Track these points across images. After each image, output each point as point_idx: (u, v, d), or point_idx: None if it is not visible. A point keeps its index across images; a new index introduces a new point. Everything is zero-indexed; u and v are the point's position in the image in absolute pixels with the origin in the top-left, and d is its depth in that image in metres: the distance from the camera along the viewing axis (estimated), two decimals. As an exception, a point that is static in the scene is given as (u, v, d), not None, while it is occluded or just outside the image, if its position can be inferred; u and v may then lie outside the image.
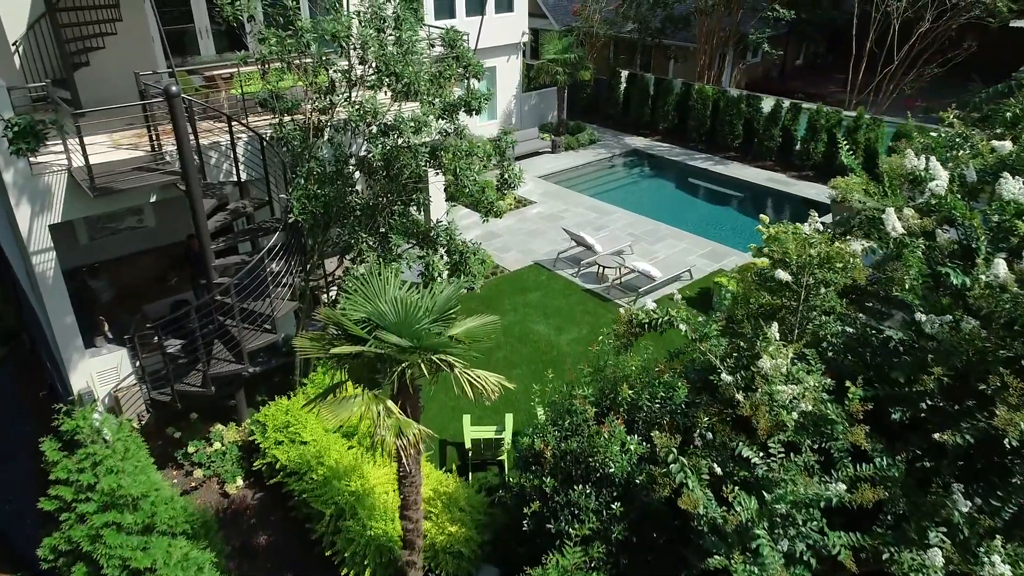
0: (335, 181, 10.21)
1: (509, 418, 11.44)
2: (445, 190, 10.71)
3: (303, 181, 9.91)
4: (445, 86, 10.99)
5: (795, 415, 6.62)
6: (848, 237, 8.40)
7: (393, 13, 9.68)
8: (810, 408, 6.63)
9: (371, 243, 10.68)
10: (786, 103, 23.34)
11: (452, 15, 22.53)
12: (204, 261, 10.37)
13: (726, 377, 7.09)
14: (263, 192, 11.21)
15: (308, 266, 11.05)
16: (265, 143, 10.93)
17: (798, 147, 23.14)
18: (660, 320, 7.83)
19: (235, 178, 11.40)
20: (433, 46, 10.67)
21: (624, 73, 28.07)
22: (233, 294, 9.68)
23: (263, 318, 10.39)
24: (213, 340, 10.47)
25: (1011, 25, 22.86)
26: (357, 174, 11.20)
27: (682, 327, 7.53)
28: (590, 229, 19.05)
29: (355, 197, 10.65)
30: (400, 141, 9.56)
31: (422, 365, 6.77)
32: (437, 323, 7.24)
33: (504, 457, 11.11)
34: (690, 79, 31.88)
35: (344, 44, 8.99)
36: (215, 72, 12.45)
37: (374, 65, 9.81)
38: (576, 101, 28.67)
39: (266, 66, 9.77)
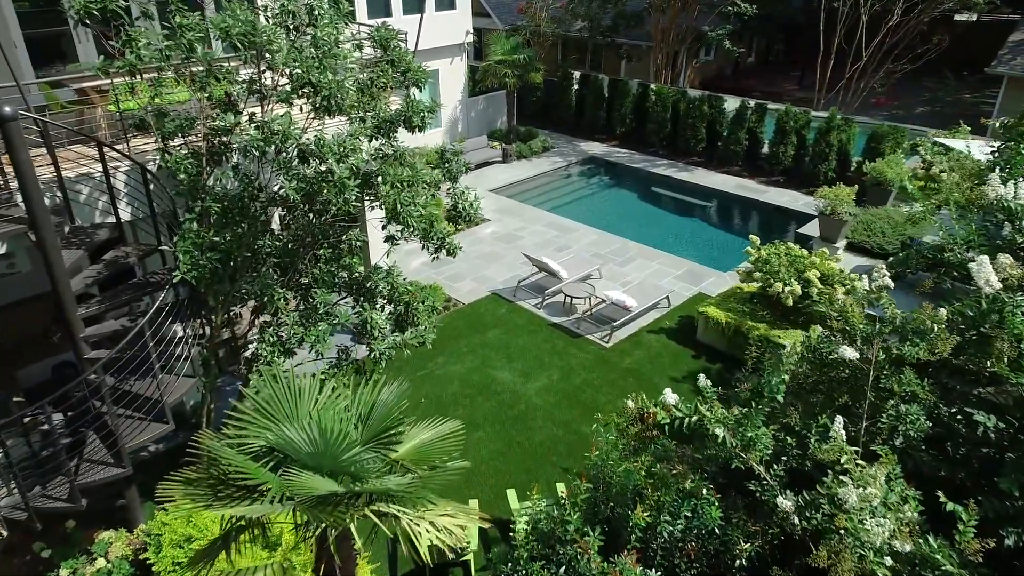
0: (239, 223, 7.89)
1: (474, 507, 9.23)
2: (383, 227, 8.46)
3: (194, 226, 7.56)
4: (378, 97, 8.79)
5: (888, 559, 4.69)
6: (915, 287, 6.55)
7: (306, 5, 7.43)
8: (908, 548, 4.70)
9: (290, 297, 8.40)
10: (751, 103, 21.81)
11: (388, 13, 20.23)
12: (70, 332, 7.92)
13: (784, 503, 5.08)
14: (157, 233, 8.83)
15: (212, 328, 8.68)
16: (150, 174, 8.54)
17: (766, 151, 21.63)
18: (687, 421, 5.77)
19: (114, 219, 8.97)
20: (361, 47, 8.43)
21: (576, 74, 26.19)
22: (100, 379, 7.27)
23: (149, 404, 7.99)
24: (85, 435, 8.03)
25: (978, 20, 21.79)
26: (274, 211, 8.91)
27: (718, 431, 5.47)
28: (552, 251, 17.04)
29: (269, 240, 8.35)
30: (324, 168, 7.31)
31: (351, 524, 4.58)
32: (376, 442, 5.06)
33: (470, 558, 8.95)
34: (643, 79, 30.30)
35: (240, 45, 6.73)
36: (88, 84, 9.93)
37: (288, 73, 7.58)
38: (526, 105, 26.68)
39: (137, 77, 7.40)
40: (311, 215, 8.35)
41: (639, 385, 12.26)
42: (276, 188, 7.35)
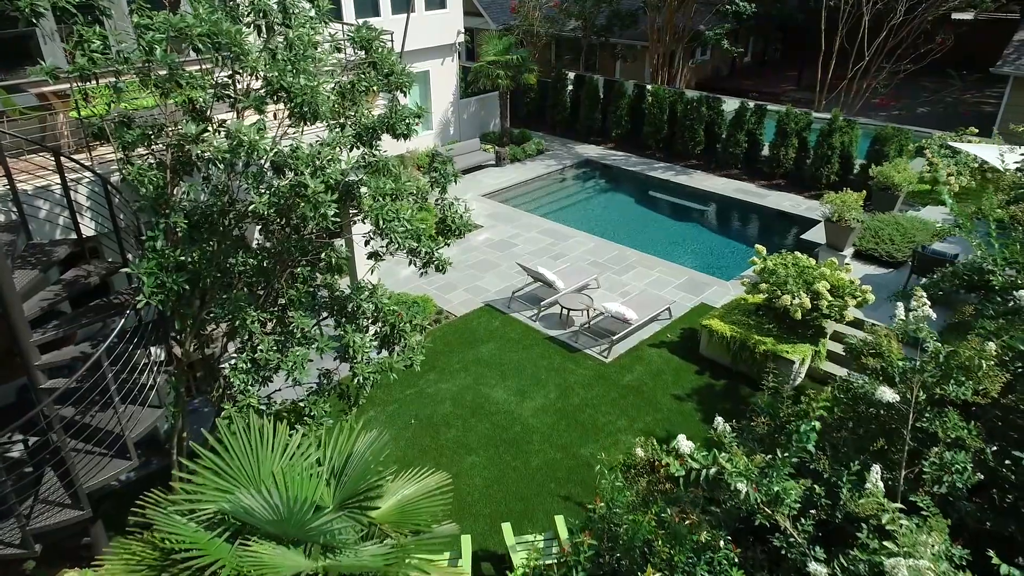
0: (208, 240, 7.22)
1: (467, 545, 8.55)
2: (366, 243, 7.80)
3: (159, 244, 6.89)
4: (360, 102, 8.13)
5: (941, 637, 4.06)
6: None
7: (279, 2, 6.77)
8: (963, 624, 4.09)
9: (266, 319, 7.73)
10: (750, 104, 21.20)
11: (376, 12, 19.56)
12: (24, 360, 7.24)
13: (817, 570, 4.43)
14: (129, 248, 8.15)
15: (180, 352, 8.00)
16: (113, 187, 7.87)
17: (766, 153, 21.03)
18: (705, 473, 5.11)
19: (75, 235, 8.30)
20: (341, 49, 7.76)
21: (571, 75, 25.55)
22: (53, 414, 6.59)
23: (112, 438, 7.31)
24: (41, 472, 7.34)
25: (975, 18, 21.20)
26: (250, 227, 8.25)
27: (740, 487, 4.81)
28: (547, 259, 16.41)
29: (243, 257, 7.68)
30: (298, 180, 6.63)
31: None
32: (351, 502, 4.40)
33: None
34: (639, 79, 29.70)
35: (201, 47, 6.06)
36: (49, 88, 9.23)
37: (263, 77, 6.92)
38: (520, 107, 26.03)
39: (92, 82, 6.72)
40: (288, 230, 7.69)
41: (640, 403, 11.64)
42: (248, 204, 6.67)
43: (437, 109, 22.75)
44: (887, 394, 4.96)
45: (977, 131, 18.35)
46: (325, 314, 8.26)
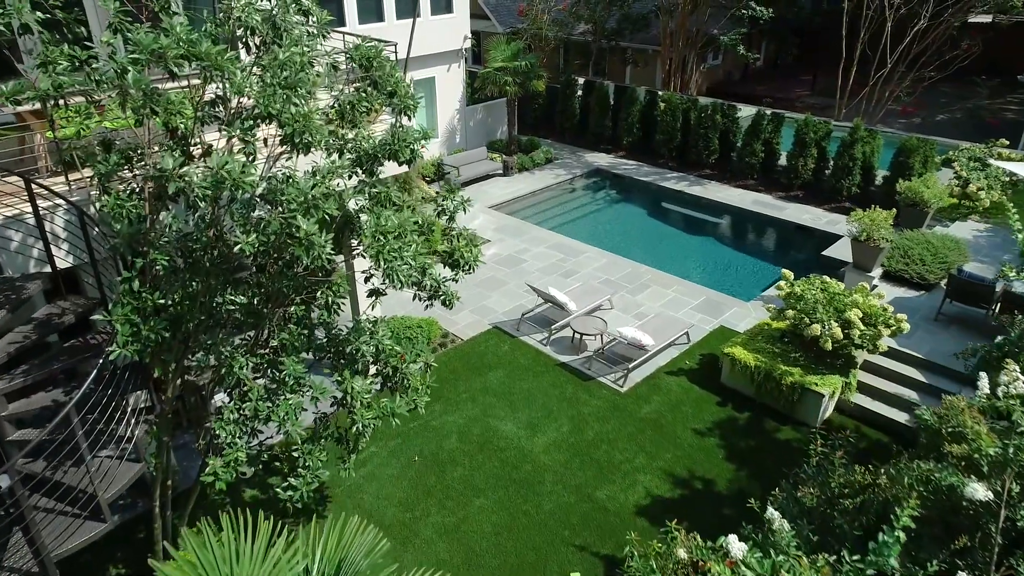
0: (192, 281, 6.53)
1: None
2: (366, 280, 7.11)
3: (135, 285, 6.20)
4: (360, 123, 7.43)
5: None
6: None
7: (269, 18, 6.07)
8: None
9: (255, 364, 7.04)
10: (767, 112, 20.44)
11: (380, 18, 18.85)
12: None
13: None
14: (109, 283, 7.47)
15: (164, 398, 7.31)
16: (89, 218, 7.19)
17: (784, 164, 20.26)
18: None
19: (49, 268, 7.62)
20: (337, 68, 7.05)
21: (580, 81, 24.81)
22: (15, 480, 5.89)
23: (84, 498, 6.62)
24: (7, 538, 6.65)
25: (1001, 21, 20.33)
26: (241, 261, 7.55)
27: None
28: (558, 276, 15.69)
29: (231, 296, 6.98)
30: (288, 215, 5.92)
31: None
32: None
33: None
34: (649, 85, 28.95)
35: (176, 71, 5.37)
36: (24, 108, 8.55)
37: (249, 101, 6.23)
38: (527, 113, 25.32)
39: (59, 103, 6.03)
40: (280, 265, 6.98)
41: (659, 438, 10.92)
42: (235, 246, 5.97)
43: (443, 116, 22.05)
44: (979, 492, 4.24)
45: (1008, 143, 17.59)
46: (320, 355, 7.57)
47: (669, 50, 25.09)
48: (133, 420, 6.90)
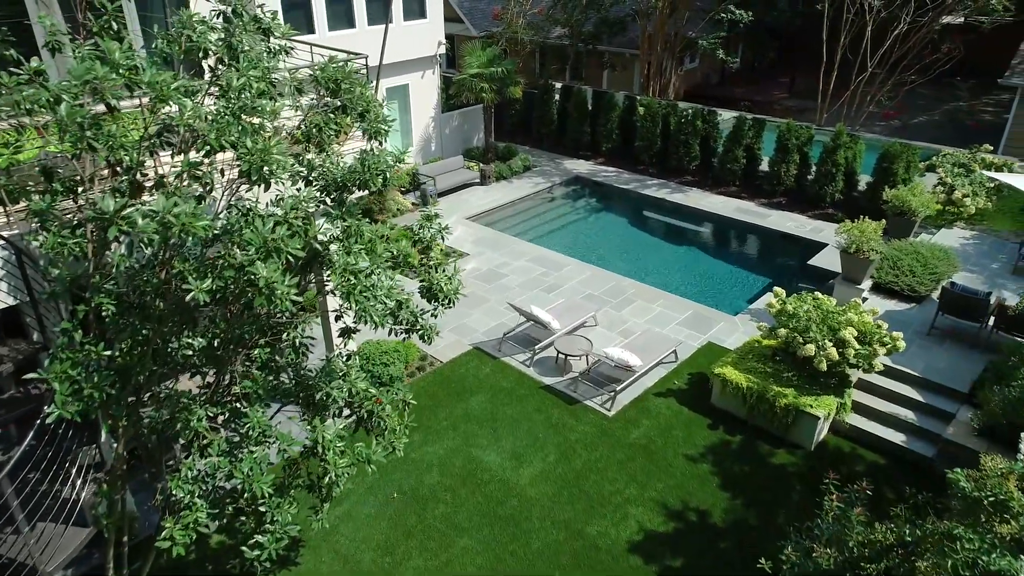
0: (143, 327, 5.90)
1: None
2: (336, 318, 6.53)
3: (78, 336, 5.56)
4: (328, 146, 6.85)
5: None
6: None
7: (223, 40, 5.46)
8: None
9: (215, 415, 6.43)
10: (748, 118, 20.11)
11: (351, 24, 18.20)
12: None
13: None
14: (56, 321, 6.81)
15: (115, 454, 6.66)
16: (25, 255, 6.53)
17: (766, 170, 19.95)
18: None
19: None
20: (301, 91, 6.46)
21: (558, 86, 24.33)
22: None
23: (27, 569, 5.97)
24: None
25: (976, 22, 20.15)
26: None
27: None
28: (539, 292, 15.18)
29: (188, 339, 6.36)
30: (243, 256, 5.31)
31: None
32: None
33: None
34: (627, 89, 28.57)
35: (114, 105, 4.74)
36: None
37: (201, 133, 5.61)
38: (504, 119, 24.78)
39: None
40: (240, 306, 6.38)
41: (650, 466, 10.45)
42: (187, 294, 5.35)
43: (418, 124, 21.44)
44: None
45: (992, 148, 17.42)
46: (287, 401, 6.97)
47: (647, 54, 24.70)
48: (80, 480, 6.27)
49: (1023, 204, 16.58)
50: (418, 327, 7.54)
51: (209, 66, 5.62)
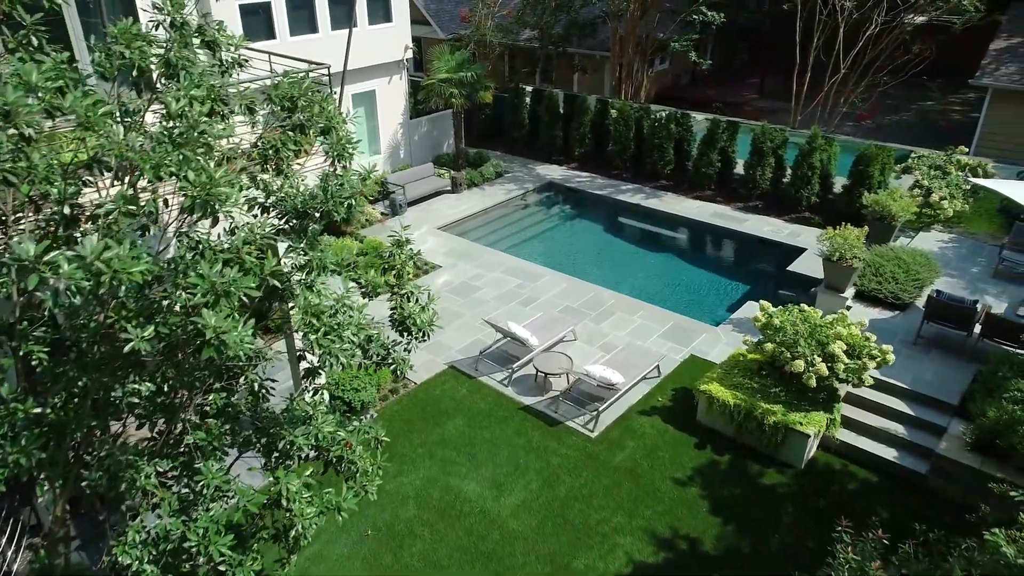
0: (80, 378, 5.26)
1: None
2: (299, 359, 5.93)
3: (2, 390, 4.90)
4: (287, 168, 6.26)
5: None
6: None
7: (160, 56, 4.85)
8: None
9: (165, 469, 5.80)
10: (723, 120, 19.83)
11: (313, 29, 17.50)
12: None
13: None
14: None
15: (52, 518, 5.98)
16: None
17: (741, 173, 19.68)
18: None
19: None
20: (254, 111, 5.85)
21: (528, 89, 23.84)
22: None
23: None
24: None
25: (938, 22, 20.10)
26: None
27: None
28: (516, 305, 14.67)
29: (134, 385, 5.71)
30: (188, 300, 4.70)
31: None
32: None
33: None
34: (598, 92, 28.20)
35: (25, 132, 4.10)
36: None
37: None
38: (474, 124, 24.21)
39: None
40: (190, 352, 5.75)
41: (637, 492, 10.00)
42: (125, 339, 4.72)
43: (385, 131, 20.78)
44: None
45: (967, 150, 17.35)
46: (247, 451, 6.35)
47: (619, 56, 24.34)
48: (13, 547, 5.59)
49: (998, 205, 16.51)
50: (389, 361, 7.00)
51: (155, 83, 5.00)
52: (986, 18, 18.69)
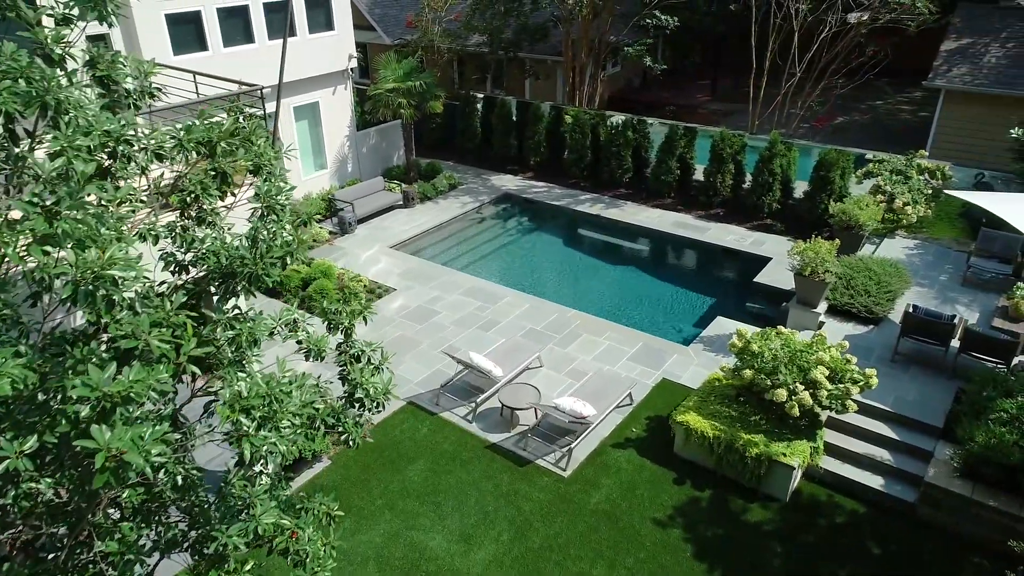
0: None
1: None
2: (229, 443, 4.98)
3: None
4: (208, 215, 5.34)
5: None
6: None
7: (34, 96, 3.89)
8: None
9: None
10: (681, 127, 19.35)
11: (249, 39, 16.36)
12: None
13: None
14: None
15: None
16: None
17: (701, 180, 19.23)
18: None
19: None
20: (162, 158, 4.89)
21: (480, 96, 23.03)
22: None
23: None
24: None
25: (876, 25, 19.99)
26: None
27: None
28: (476, 329, 13.85)
29: (30, 486, 4.71)
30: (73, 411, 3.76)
31: None
32: None
33: None
34: (551, 98, 27.56)
35: None
36: None
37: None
38: (425, 134, 23.28)
39: None
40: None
41: (617, 537, 9.29)
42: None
43: (331, 145, 19.70)
44: None
45: (927, 154, 17.20)
46: (172, 551, 5.40)
47: (571, 60, 23.70)
48: None
49: (959, 210, 16.38)
50: (339, 429, 6.13)
51: (22, 132, 4.04)
52: (940, 19, 18.61)
